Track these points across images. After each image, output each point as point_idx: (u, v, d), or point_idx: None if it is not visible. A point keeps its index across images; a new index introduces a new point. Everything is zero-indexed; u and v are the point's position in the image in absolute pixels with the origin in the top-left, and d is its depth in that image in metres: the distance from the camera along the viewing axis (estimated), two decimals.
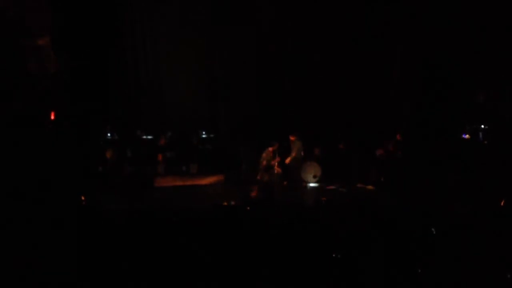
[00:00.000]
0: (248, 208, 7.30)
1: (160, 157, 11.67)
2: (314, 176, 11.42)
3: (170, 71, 13.32)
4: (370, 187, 10.82)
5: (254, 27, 13.06)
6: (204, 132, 12.93)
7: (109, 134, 11.94)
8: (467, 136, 10.63)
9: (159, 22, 13.33)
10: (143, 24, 13.30)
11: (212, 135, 13.03)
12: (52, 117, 8.75)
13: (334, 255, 4.70)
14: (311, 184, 11.32)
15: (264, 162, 9.56)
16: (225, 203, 8.65)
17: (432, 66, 11.27)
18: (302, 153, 10.81)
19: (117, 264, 4.42)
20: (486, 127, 10.46)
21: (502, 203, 6.86)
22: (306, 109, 12.56)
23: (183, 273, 4.31)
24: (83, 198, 7.61)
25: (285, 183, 10.63)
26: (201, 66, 13.57)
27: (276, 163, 9.72)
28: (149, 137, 12.44)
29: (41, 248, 4.65)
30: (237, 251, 4.79)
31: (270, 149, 9.63)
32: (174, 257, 4.62)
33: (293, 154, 10.56)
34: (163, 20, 13.33)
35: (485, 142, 10.36)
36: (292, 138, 10.65)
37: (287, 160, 10.48)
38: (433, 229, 5.16)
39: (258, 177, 9.66)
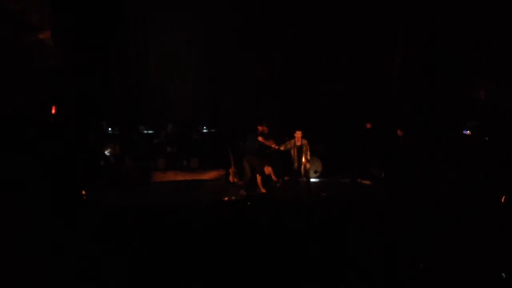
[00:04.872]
0: (249, 203, 7.32)
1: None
2: (315, 171, 11.42)
3: (171, 67, 13.32)
4: (367, 181, 10.82)
5: (254, 27, 13.08)
6: (205, 127, 12.92)
7: (110, 129, 11.93)
8: (468, 132, 10.60)
9: (159, 21, 13.32)
10: (144, 20, 13.27)
11: (213, 130, 13.02)
12: (53, 111, 8.76)
13: (332, 252, 4.72)
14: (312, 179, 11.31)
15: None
16: (226, 198, 8.69)
17: (432, 62, 11.27)
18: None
19: (117, 261, 4.44)
20: (487, 123, 10.42)
21: (502, 200, 6.86)
22: (306, 105, 12.59)
23: (182, 270, 4.33)
24: (83, 193, 7.65)
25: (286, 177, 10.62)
26: (202, 63, 13.56)
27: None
28: (150, 131, 12.44)
29: (41, 244, 4.67)
30: (237, 247, 4.80)
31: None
32: (172, 253, 4.64)
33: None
34: (164, 18, 13.32)
35: (487, 138, 10.33)
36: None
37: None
38: (432, 228, 5.18)
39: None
